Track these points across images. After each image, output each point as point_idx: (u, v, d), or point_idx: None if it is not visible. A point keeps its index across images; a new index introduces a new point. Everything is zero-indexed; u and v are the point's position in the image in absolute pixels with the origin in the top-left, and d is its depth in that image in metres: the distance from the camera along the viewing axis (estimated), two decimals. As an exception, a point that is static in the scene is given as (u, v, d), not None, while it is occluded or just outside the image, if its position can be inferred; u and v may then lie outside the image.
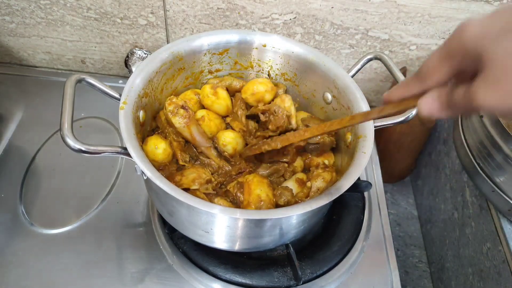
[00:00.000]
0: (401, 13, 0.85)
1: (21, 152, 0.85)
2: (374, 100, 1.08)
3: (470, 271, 0.81)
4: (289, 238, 0.64)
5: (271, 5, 0.87)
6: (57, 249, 0.71)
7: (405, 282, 0.94)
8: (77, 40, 0.99)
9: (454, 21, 0.86)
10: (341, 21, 0.88)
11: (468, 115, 0.79)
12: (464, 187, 0.85)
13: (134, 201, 0.79)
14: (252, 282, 0.68)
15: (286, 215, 0.53)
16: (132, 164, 0.54)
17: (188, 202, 0.50)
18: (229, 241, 0.61)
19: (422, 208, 1.05)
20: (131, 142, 0.53)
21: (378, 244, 0.77)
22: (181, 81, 0.72)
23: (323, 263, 0.71)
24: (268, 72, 0.76)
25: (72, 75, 0.56)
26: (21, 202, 0.77)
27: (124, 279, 0.69)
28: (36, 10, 0.93)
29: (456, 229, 0.87)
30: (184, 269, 0.70)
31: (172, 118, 0.63)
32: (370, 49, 0.94)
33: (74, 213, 0.76)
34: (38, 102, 0.95)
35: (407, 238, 1.02)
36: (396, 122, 0.62)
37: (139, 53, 0.96)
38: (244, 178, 0.62)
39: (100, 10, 0.91)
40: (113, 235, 0.74)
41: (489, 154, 0.73)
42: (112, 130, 0.91)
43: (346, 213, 0.79)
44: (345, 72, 0.68)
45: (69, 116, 0.52)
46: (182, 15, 0.91)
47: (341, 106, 0.68)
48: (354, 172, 0.56)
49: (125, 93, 0.59)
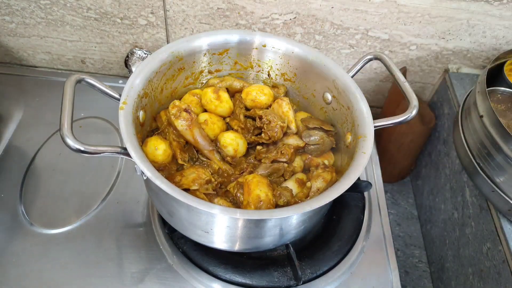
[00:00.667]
0: (401, 13, 0.85)
1: (21, 152, 0.85)
2: (374, 100, 1.08)
3: (470, 271, 0.81)
4: (289, 238, 0.64)
5: (271, 5, 0.87)
6: (57, 249, 0.71)
7: (405, 282, 0.94)
8: (77, 40, 0.99)
9: (454, 21, 0.86)
10: (341, 21, 0.88)
11: None
12: (464, 187, 0.85)
13: (134, 201, 0.79)
14: (252, 282, 0.68)
15: (286, 215, 0.53)
16: (132, 164, 0.54)
17: (188, 202, 0.50)
18: (229, 241, 0.61)
19: (422, 208, 1.05)
20: (131, 142, 0.53)
21: (378, 244, 0.77)
22: (181, 81, 0.72)
23: (323, 263, 0.71)
24: (268, 72, 0.76)
25: (72, 75, 0.56)
26: (21, 202, 0.77)
27: (124, 279, 0.69)
28: (36, 10, 0.93)
29: (456, 229, 0.87)
30: (184, 269, 0.70)
31: (174, 121, 0.63)
32: (370, 49, 0.94)
33: (74, 213, 0.76)
34: (38, 102, 0.95)
35: (407, 238, 1.02)
36: (396, 122, 0.62)
37: (139, 53, 0.96)
38: (244, 178, 0.62)
39: (100, 10, 0.91)
40: (113, 235, 0.74)
41: (489, 154, 0.73)
42: (112, 130, 0.91)
43: (346, 213, 0.79)
44: (345, 72, 0.68)
45: (69, 116, 0.52)
46: (182, 15, 0.91)
47: (341, 106, 0.68)
48: (354, 172, 0.56)
49: (125, 93, 0.59)
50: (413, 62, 0.96)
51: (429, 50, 0.93)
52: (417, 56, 0.95)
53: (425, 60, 0.96)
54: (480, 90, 0.76)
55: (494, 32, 0.88)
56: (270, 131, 0.66)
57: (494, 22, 0.86)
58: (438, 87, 1.02)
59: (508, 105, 0.83)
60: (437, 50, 0.93)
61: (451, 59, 0.95)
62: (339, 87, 0.68)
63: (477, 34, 0.88)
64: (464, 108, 0.84)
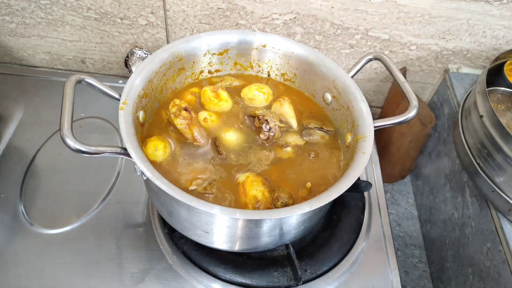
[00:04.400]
0: (401, 13, 0.85)
1: (21, 152, 0.85)
2: (374, 100, 1.08)
3: (470, 271, 0.81)
4: (289, 238, 0.64)
5: (271, 5, 0.87)
6: (57, 249, 0.71)
7: (405, 282, 0.94)
8: (77, 40, 0.99)
9: (454, 21, 0.86)
10: (341, 21, 0.88)
11: None
12: (464, 187, 0.85)
13: (134, 201, 0.79)
14: (252, 282, 0.68)
15: (286, 215, 0.53)
16: (132, 164, 0.54)
17: (188, 202, 0.50)
18: (229, 241, 0.61)
19: (422, 208, 1.05)
20: (131, 143, 0.53)
21: (378, 244, 0.77)
22: (181, 81, 0.72)
23: (323, 263, 0.71)
24: (268, 73, 0.76)
25: (72, 76, 0.56)
26: (21, 202, 0.77)
27: (124, 279, 0.69)
28: (36, 10, 0.93)
29: (456, 229, 0.87)
30: (184, 269, 0.70)
31: (174, 119, 0.64)
32: (370, 49, 0.94)
33: (74, 213, 0.76)
34: (38, 102, 0.95)
35: (407, 238, 1.02)
36: (396, 122, 0.62)
37: (139, 53, 0.96)
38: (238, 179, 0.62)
39: (100, 10, 0.91)
40: (113, 235, 0.74)
41: (489, 154, 0.73)
42: (112, 130, 0.91)
43: (346, 213, 0.79)
44: (345, 73, 0.68)
45: (69, 116, 0.52)
46: (182, 15, 0.91)
47: (341, 107, 0.68)
48: (354, 172, 0.56)
49: (125, 93, 0.59)
50: (413, 62, 0.96)
51: (429, 50, 0.93)
52: (417, 56, 0.95)
53: (425, 60, 0.96)
54: (480, 90, 0.76)
55: (494, 32, 0.88)
56: (268, 131, 0.66)
57: (494, 22, 0.86)
58: (438, 87, 1.02)
59: (508, 105, 0.83)
60: (437, 50, 0.93)
61: (451, 59, 0.95)
62: (339, 87, 0.68)
63: (477, 34, 0.88)
64: (464, 108, 0.84)
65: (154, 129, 0.68)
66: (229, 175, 0.66)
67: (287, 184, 0.63)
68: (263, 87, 0.72)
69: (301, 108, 0.75)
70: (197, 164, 0.66)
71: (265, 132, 0.66)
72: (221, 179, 0.65)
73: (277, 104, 0.70)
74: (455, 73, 0.97)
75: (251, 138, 0.69)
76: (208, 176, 0.62)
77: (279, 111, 0.70)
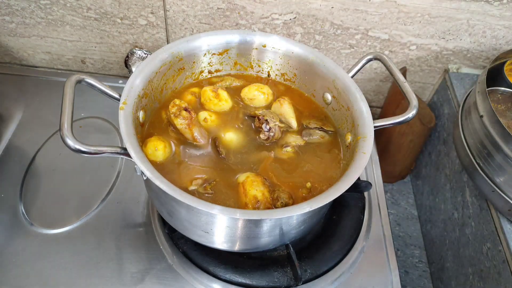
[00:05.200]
0: (401, 13, 0.85)
1: (21, 152, 0.85)
2: (374, 100, 1.08)
3: (470, 271, 0.81)
4: (289, 238, 0.64)
5: (271, 5, 0.87)
6: (57, 249, 0.71)
7: (405, 282, 0.94)
8: (77, 40, 0.99)
9: (454, 21, 0.86)
10: (341, 21, 0.88)
11: None
12: (464, 187, 0.85)
13: (134, 201, 0.79)
14: (252, 282, 0.68)
15: (286, 215, 0.53)
16: (132, 164, 0.54)
17: (188, 202, 0.50)
18: (229, 241, 0.61)
19: (422, 208, 1.05)
20: (131, 143, 0.53)
21: (378, 244, 0.77)
22: (181, 81, 0.72)
23: (323, 263, 0.71)
24: (268, 73, 0.76)
25: (72, 76, 0.56)
26: (21, 202, 0.77)
27: (124, 279, 0.69)
28: (36, 10, 0.93)
29: (456, 229, 0.87)
30: (184, 269, 0.70)
31: (174, 119, 0.64)
32: (370, 49, 0.94)
33: (74, 213, 0.76)
34: (38, 102, 0.95)
35: (407, 238, 1.02)
36: (396, 122, 0.62)
37: (139, 53, 0.96)
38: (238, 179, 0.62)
39: (100, 10, 0.91)
40: (113, 235, 0.74)
41: (489, 154, 0.73)
42: (112, 130, 0.91)
43: (346, 213, 0.79)
44: (345, 73, 0.68)
45: (69, 117, 0.52)
46: (182, 15, 0.91)
47: (341, 107, 0.68)
48: (354, 172, 0.55)
49: (125, 93, 0.59)
50: (413, 62, 0.96)
51: (429, 50, 0.93)
52: (417, 56, 0.95)
53: (425, 60, 0.96)
54: (480, 90, 0.76)
55: (494, 32, 0.88)
56: (268, 131, 0.66)
57: (494, 22, 0.86)
58: (438, 87, 1.02)
59: (508, 105, 0.83)
60: (437, 50, 0.93)
61: (451, 59, 0.95)
62: (339, 87, 0.68)
63: (477, 34, 0.88)
64: (464, 108, 0.84)
65: (154, 129, 0.68)
66: (229, 175, 0.66)
67: (287, 184, 0.63)
68: (263, 87, 0.72)
69: (301, 108, 0.75)
70: (197, 164, 0.66)
71: (265, 132, 0.66)
72: (221, 179, 0.65)
73: (277, 104, 0.70)
74: (455, 73, 0.97)
75: (251, 138, 0.69)
76: (208, 176, 0.62)
77: (279, 111, 0.70)
